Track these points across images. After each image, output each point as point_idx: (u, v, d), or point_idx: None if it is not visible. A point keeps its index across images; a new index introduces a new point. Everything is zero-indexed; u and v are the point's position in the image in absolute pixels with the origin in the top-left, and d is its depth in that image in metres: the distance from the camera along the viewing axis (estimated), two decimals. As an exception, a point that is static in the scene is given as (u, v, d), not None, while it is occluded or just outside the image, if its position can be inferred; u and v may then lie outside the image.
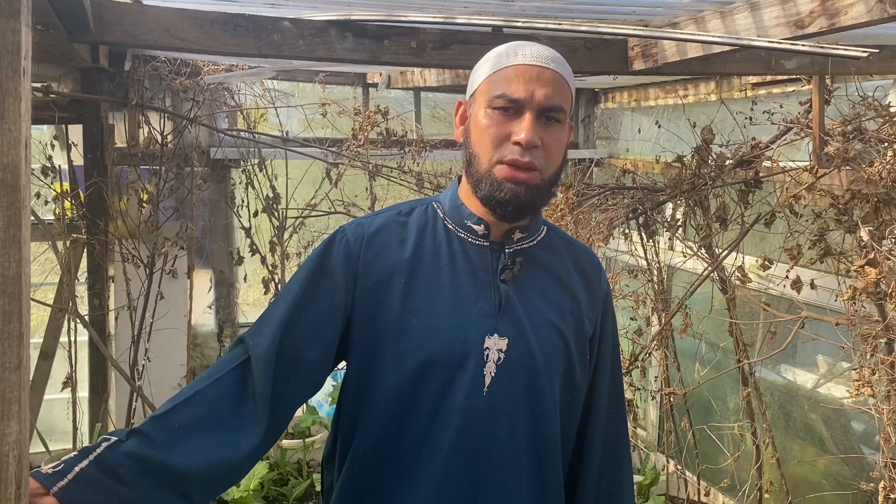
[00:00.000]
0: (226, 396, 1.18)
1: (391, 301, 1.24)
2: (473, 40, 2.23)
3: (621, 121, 4.67)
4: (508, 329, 1.24)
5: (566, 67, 1.27)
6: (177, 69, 3.49)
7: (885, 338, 2.29)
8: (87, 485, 1.06)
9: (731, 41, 1.84)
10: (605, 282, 1.40)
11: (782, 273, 2.68)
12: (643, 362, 3.52)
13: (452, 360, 1.22)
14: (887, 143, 2.41)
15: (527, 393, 1.25)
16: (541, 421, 1.27)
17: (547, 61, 1.23)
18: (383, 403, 1.24)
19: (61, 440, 3.63)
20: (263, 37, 2.04)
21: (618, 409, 1.41)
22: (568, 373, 1.30)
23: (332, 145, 3.88)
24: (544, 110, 1.21)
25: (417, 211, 1.33)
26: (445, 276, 1.26)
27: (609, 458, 1.39)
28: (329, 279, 1.26)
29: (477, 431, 1.22)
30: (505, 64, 1.23)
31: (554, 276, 1.32)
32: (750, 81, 3.33)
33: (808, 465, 3.23)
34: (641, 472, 3.72)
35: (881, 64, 2.53)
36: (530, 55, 1.23)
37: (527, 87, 1.21)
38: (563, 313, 1.30)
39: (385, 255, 1.27)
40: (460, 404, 1.22)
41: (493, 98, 1.22)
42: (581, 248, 1.41)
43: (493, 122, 1.22)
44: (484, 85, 1.25)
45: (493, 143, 1.22)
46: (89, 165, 3.38)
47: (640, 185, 3.26)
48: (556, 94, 1.22)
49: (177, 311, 3.78)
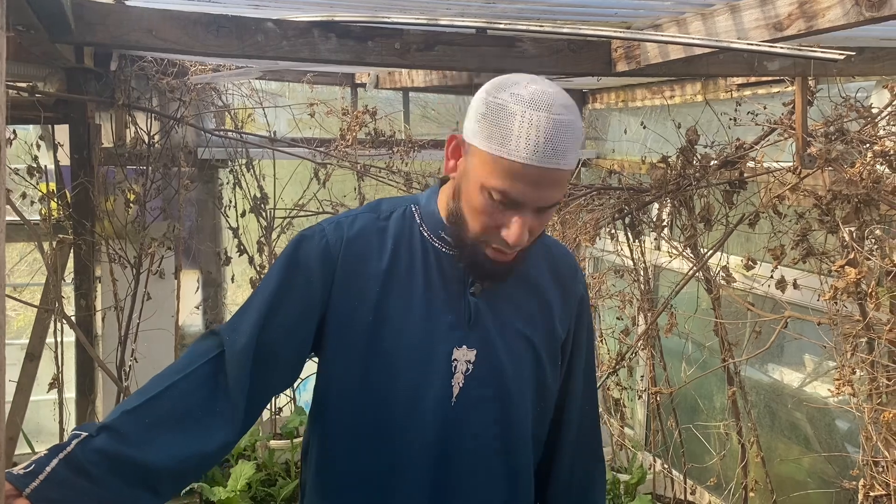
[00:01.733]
0: (198, 391, 1.18)
1: (364, 309, 1.25)
2: (457, 42, 2.24)
3: (609, 121, 4.69)
4: (477, 341, 1.25)
5: (577, 143, 1.14)
6: (164, 69, 3.48)
7: (865, 337, 2.31)
8: (59, 484, 1.06)
9: (711, 43, 1.85)
10: (582, 284, 1.40)
11: (766, 273, 2.70)
12: (630, 362, 3.54)
13: (420, 371, 1.24)
14: (868, 145, 2.43)
15: (496, 403, 1.27)
16: (512, 428, 1.29)
17: (560, 159, 1.11)
18: (353, 410, 1.26)
19: (48, 441, 3.62)
20: (246, 38, 2.04)
21: (591, 408, 1.43)
22: (539, 380, 1.31)
23: (321, 145, 3.88)
24: (542, 208, 1.16)
25: (396, 215, 1.31)
26: (418, 288, 1.26)
27: (581, 456, 1.41)
28: (305, 277, 1.25)
29: (446, 440, 1.24)
30: (516, 158, 1.10)
31: (526, 283, 1.31)
32: (735, 82, 3.34)
33: (792, 464, 3.25)
34: (628, 471, 3.74)
35: (863, 66, 2.55)
36: (543, 151, 1.09)
37: (531, 192, 1.12)
38: (534, 321, 1.31)
39: (363, 264, 1.26)
40: (428, 414, 1.23)
41: (492, 187, 1.13)
42: (559, 251, 1.40)
43: (487, 210, 1.15)
44: (485, 156, 1.13)
45: (482, 229, 1.18)
46: (76, 166, 3.37)
47: (627, 185, 3.27)
48: (558, 192, 1.16)
49: (164, 311, 3.77)
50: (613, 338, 3.83)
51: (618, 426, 4.11)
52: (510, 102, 1.11)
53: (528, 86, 1.13)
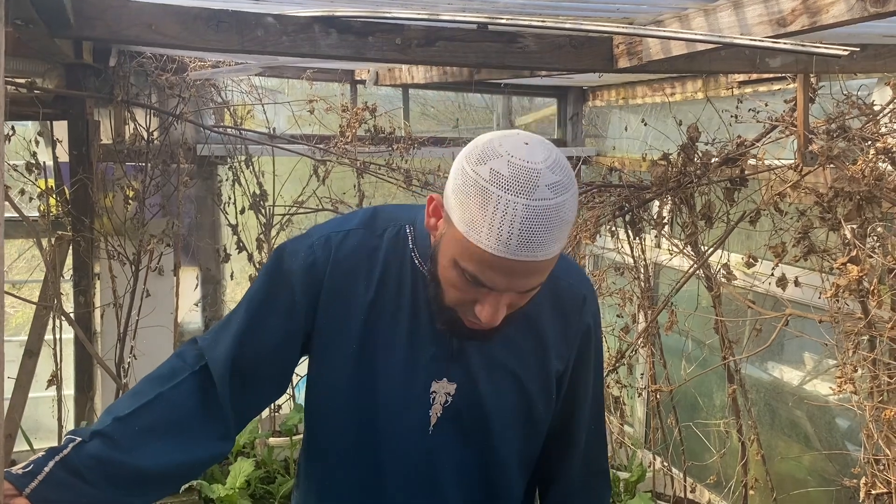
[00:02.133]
0: (186, 403, 1.19)
1: (349, 333, 1.23)
2: (459, 37, 2.23)
3: (609, 119, 4.68)
4: (458, 375, 1.24)
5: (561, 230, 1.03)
6: (163, 65, 3.47)
7: (867, 335, 2.30)
8: (56, 485, 1.08)
9: (714, 39, 1.84)
10: (591, 314, 1.32)
11: (767, 270, 2.69)
12: (630, 359, 3.53)
13: (400, 399, 1.24)
14: (870, 142, 2.42)
15: (475, 436, 1.26)
16: (492, 461, 1.28)
17: (535, 250, 1.02)
18: (336, 426, 1.27)
19: (47, 438, 3.61)
20: (246, 32, 2.03)
21: (598, 428, 1.42)
22: (528, 416, 1.30)
23: (320, 142, 3.87)
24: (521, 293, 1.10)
25: (389, 234, 1.24)
26: (404, 317, 1.22)
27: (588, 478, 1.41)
28: (289, 296, 1.23)
29: (423, 469, 1.25)
30: (484, 245, 1.02)
31: (519, 319, 1.21)
32: (736, 79, 3.34)
33: (793, 462, 3.25)
34: (628, 469, 3.74)
35: (865, 63, 2.54)
36: (518, 244, 1.00)
37: (504, 281, 1.06)
38: (525, 359, 1.27)
39: (350, 288, 1.22)
40: (407, 442, 1.24)
41: (463, 268, 1.07)
42: (567, 283, 1.30)
43: (460, 286, 1.10)
44: (458, 234, 1.05)
45: (457, 302, 1.13)
46: (74, 162, 3.36)
47: (627, 182, 3.27)
48: (537, 279, 1.08)
49: (163, 308, 3.76)
50: (613, 335, 3.83)
51: (618, 424, 4.11)
52: (487, 182, 1.01)
53: (514, 159, 1.01)
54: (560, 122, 4.84)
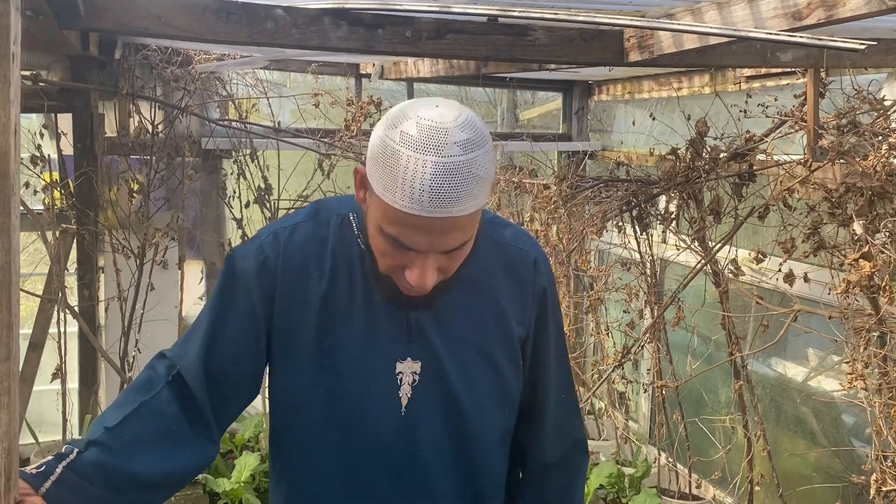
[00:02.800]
0: (168, 410, 1.20)
1: (306, 326, 1.23)
2: (469, 30, 2.21)
3: (615, 113, 4.67)
4: (421, 353, 1.24)
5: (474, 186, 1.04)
6: (168, 58, 3.45)
7: (878, 331, 2.29)
8: (69, 487, 1.10)
9: (728, 32, 1.83)
10: (544, 276, 1.33)
11: (775, 266, 2.68)
12: (635, 355, 3.52)
13: (364, 385, 1.23)
14: (881, 137, 2.41)
15: (447, 411, 1.26)
16: (467, 432, 1.27)
17: (448, 206, 1.03)
18: (303, 424, 1.26)
19: (51, 431, 3.61)
20: (256, 25, 2.02)
21: (567, 396, 1.41)
22: (496, 383, 1.29)
23: (325, 136, 3.85)
24: (447, 251, 1.11)
25: (334, 224, 1.25)
26: (359, 302, 1.23)
27: (561, 447, 1.39)
28: (246, 297, 1.24)
29: (398, 451, 1.24)
30: (398, 204, 1.03)
31: (475, 289, 1.25)
32: (744, 74, 3.32)
33: (798, 458, 3.24)
34: (633, 465, 3.73)
35: (876, 57, 2.52)
36: (429, 200, 1.02)
37: (425, 239, 1.07)
38: (485, 326, 1.28)
39: (303, 279, 1.23)
40: (377, 427, 1.23)
41: (386, 232, 1.09)
42: (514, 248, 1.32)
43: (388, 251, 1.11)
44: (378, 199, 1.07)
45: (388, 268, 1.15)
46: (79, 155, 3.35)
47: (634, 177, 3.26)
48: (460, 236, 1.09)
49: (167, 302, 3.75)
50: (619, 331, 3.82)
51: (622, 419, 4.10)
52: (397, 144, 1.03)
53: (423, 120, 1.03)
54: (565, 116, 4.82)
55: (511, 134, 4.67)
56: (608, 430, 4.17)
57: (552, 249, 3.91)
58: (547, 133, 4.79)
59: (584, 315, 4.32)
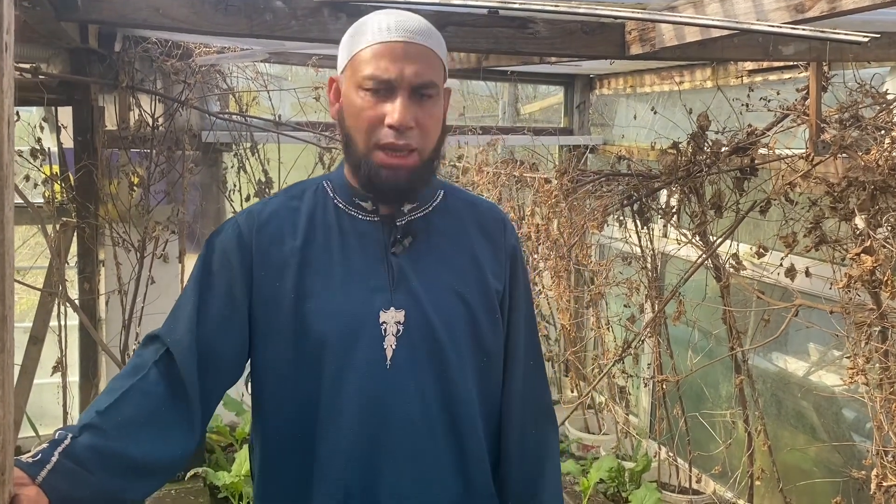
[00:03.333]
0: (156, 390, 1.21)
1: (286, 288, 1.25)
2: (469, 22, 2.20)
3: (616, 107, 4.65)
4: (404, 301, 1.25)
5: (435, 38, 1.25)
6: (168, 51, 3.44)
7: (879, 326, 2.28)
8: (64, 474, 1.09)
9: (730, 25, 1.82)
10: (513, 236, 1.39)
11: (777, 261, 2.67)
12: (636, 349, 3.52)
13: (348, 337, 1.23)
14: (884, 131, 2.39)
15: (432, 361, 1.26)
16: (451, 386, 1.27)
17: (414, 35, 1.21)
18: (288, 389, 1.26)
19: (51, 425, 3.61)
20: (255, 17, 2.01)
21: (536, 362, 1.41)
22: (475, 335, 1.30)
23: (325, 129, 3.84)
24: (416, 89, 1.20)
25: (308, 193, 1.33)
26: (337, 257, 1.26)
27: (530, 412, 1.39)
28: (226, 271, 1.27)
29: (385, 403, 1.24)
30: (371, 41, 1.20)
31: (452, 241, 1.32)
32: (746, 68, 3.30)
33: (799, 453, 3.24)
34: (633, 459, 3.73)
35: (879, 51, 2.51)
36: (396, 29, 1.21)
37: (396, 66, 1.19)
38: (464, 276, 1.30)
39: (278, 244, 1.27)
40: (362, 380, 1.23)
41: (362, 79, 1.20)
42: (485, 207, 1.41)
43: (366, 104, 1.20)
44: (353, 62, 1.23)
45: (367, 126, 1.21)
46: (79, 148, 3.34)
47: (635, 171, 3.24)
48: (426, 70, 1.21)
49: (168, 295, 3.74)
50: (620, 325, 3.81)
51: (623, 414, 4.10)
52: (362, 20, 1.24)
53: (377, 12, 1.25)
54: (567, 110, 4.81)
55: (512, 128, 4.66)
56: (608, 424, 4.17)
57: (553, 243, 3.90)
58: (548, 127, 4.78)
59: (585, 309, 4.31)
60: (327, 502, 1.25)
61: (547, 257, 3.98)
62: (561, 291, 4.20)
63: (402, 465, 1.24)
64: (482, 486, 1.32)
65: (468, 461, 1.29)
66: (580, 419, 4.17)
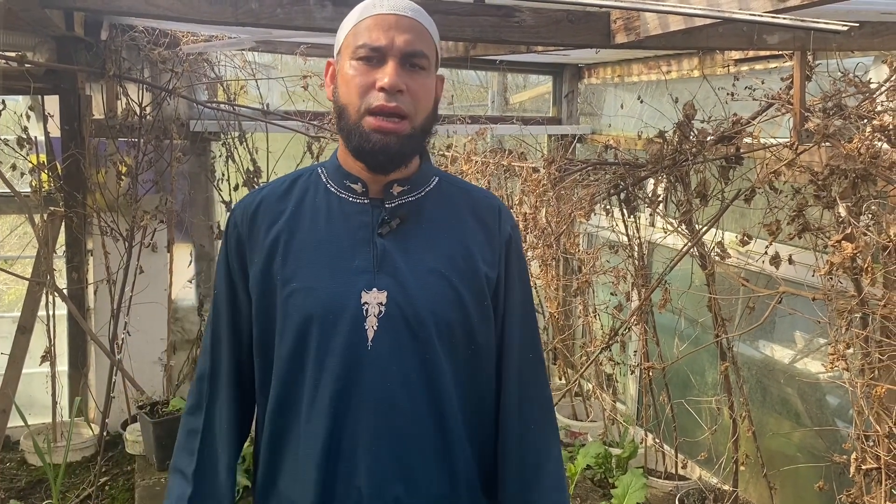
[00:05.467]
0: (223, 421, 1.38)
1: (275, 270, 1.29)
2: (455, 11, 2.21)
3: (604, 96, 4.66)
4: (387, 282, 1.25)
5: (427, 19, 1.30)
6: (155, 39, 3.43)
7: (860, 312, 2.32)
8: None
9: (712, 13, 1.83)
10: (509, 224, 1.39)
11: (761, 249, 2.70)
12: (623, 337, 3.55)
13: (329, 318, 1.25)
14: (866, 120, 2.42)
15: (414, 343, 1.25)
16: (435, 369, 1.27)
17: (405, 10, 1.26)
18: (278, 369, 1.29)
19: (40, 414, 3.62)
20: (241, 5, 2.01)
21: (534, 354, 1.40)
22: (463, 319, 1.29)
23: (314, 118, 3.84)
24: (407, 56, 1.24)
25: (302, 178, 1.37)
26: (322, 237, 1.29)
27: (529, 412, 1.37)
28: (230, 262, 1.36)
29: (367, 384, 1.24)
30: (365, 15, 1.26)
31: (443, 226, 1.32)
32: (732, 57, 3.32)
33: (783, 438, 3.28)
34: (620, 446, 3.77)
35: (862, 40, 2.53)
36: (388, 5, 1.26)
37: (387, 35, 1.23)
38: (453, 260, 1.29)
39: (266, 228, 1.32)
40: (343, 360, 1.24)
41: (355, 49, 1.25)
42: (480, 195, 1.41)
43: (358, 72, 1.24)
44: (347, 39, 1.28)
45: (359, 92, 1.24)
46: (66, 137, 3.33)
47: (622, 160, 3.26)
48: (416, 40, 1.25)
49: (157, 285, 3.76)
50: (607, 313, 3.84)
51: (610, 401, 4.14)
52: (357, 6, 1.29)
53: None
54: (555, 99, 4.82)
55: (501, 117, 4.67)
56: (596, 411, 4.20)
57: (541, 232, 3.92)
58: (537, 116, 4.79)
59: (573, 297, 4.34)
60: (309, 487, 1.26)
61: (535, 246, 4.00)
62: (549, 280, 4.23)
63: (382, 448, 1.24)
64: (465, 472, 1.32)
65: (452, 445, 1.29)
66: (568, 406, 4.21)
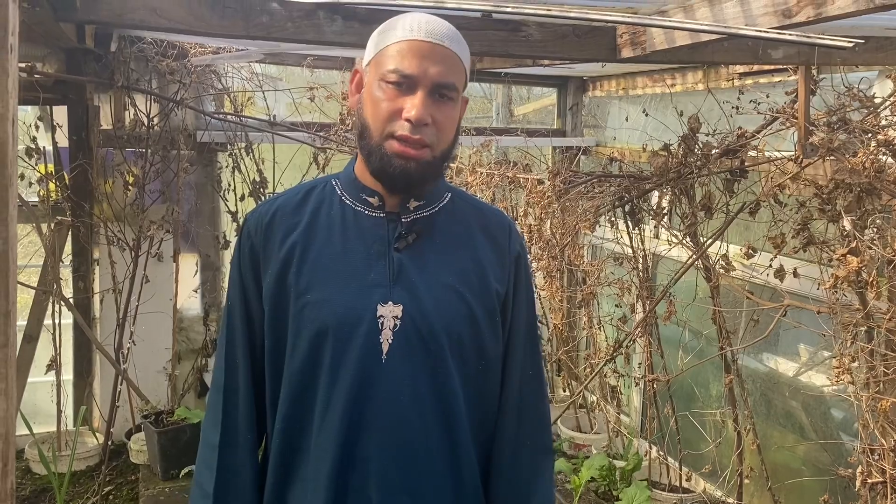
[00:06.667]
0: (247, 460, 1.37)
1: (289, 282, 1.29)
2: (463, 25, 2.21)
3: (609, 109, 4.68)
4: (402, 296, 1.26)
5: (462, 44, 1.27)
6: (163, 51, 3.46)
7: (865, 326, 2.32)
8: None
9: (718, 29, 1.85)
10: (518, 243, 1.40)
11: (766, 262, 2.70)
12: (627, 349, 3.55)
13: (344, 331, 1.25)
14: (871, 134, 2.43)
15: (427, 357, 1.26)
16: (445, 382, 1.28)
17: (441, 38, 1.23)
18: (289, 381, 1.29)
19: (45, 423, 3.62)
20: (252, 18, 2.03)
21: (535, 371, 1.41)
22: (474, 334, 1.30)
23: (320, 130, 3.86)
24: (437, 87, 1.22)
25: (316, 190, 1.36)
26: (338, 250, 1.29)
27: (526, 427, 1.38)
28: (243, 273, 1.34)
29: (380, 397, 1.25)
30: (400, 38, 1.23)
31: (455, 242, 1.33)
32: (737, 71, 3.34)
33: (787, 452, 3.28)
34: (624, 458, 3.76)
35: (867, 55, 2.55)
36: (426, 31, 1.23)
37: (420, 64, 1.21)
38: (466, 276, 1.31)
39: (282, 240, 1.31)
40: (357, 373, 1.25)
41: (386, 72, 1.22)
42: (491, 213, 1.42)
43: (386, 95, 1.22)
44: (379, 56, 1.25)
45: (385, 117, 1.22)
46: (74, 147, 3.36)
47: (627, 173, 3.28)
48: (449, 72, 1.23)
49: (162, 294, 3.77)
50: (611, 325, 3.85)
51: (614, 413, 4.13)
52: (394, 19, 1.26)
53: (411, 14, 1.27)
54: (560, 112, 4.84)
55: (506, 129, 4.69)
56: (600, 423, 4.20)
57: (546, 244, 3.93)
58: (541, 128, 4.81)
59: (577, 309, 4.34)
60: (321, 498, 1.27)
61: (539, 257, 4.01)
62: (553, 291, 4.24)
63: (392, 458, 1.26)
64: (472, 485, 1.34)
65: (460, 456, 1.31)
66: (572, 418, 4.20)
